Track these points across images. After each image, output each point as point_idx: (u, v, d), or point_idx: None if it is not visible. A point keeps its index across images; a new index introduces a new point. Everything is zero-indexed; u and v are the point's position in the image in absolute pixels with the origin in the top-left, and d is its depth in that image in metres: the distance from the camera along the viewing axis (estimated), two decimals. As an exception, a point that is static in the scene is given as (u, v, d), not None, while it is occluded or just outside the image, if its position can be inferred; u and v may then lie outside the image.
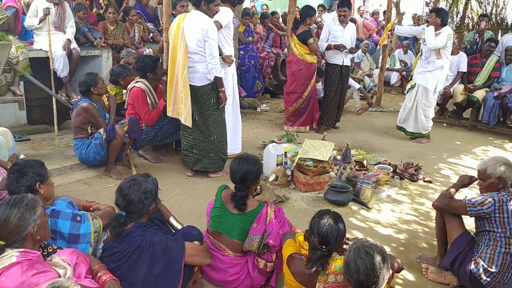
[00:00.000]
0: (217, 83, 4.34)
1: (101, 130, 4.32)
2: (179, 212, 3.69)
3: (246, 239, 2.69)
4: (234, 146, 5.21)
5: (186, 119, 4.36)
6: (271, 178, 4.52)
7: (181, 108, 4.35)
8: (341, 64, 6.37)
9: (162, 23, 5.51)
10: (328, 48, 6.31)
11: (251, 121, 7.01)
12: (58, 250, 2.21)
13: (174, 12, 5.49)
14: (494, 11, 10.38)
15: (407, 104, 6.25)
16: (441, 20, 5.72)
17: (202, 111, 4.43)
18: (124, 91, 5.02)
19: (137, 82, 4.80)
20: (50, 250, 2.19)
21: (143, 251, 2.32)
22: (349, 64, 6.70)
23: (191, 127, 4.43)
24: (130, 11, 7.01)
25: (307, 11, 6.09)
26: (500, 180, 2.85)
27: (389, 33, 7.55)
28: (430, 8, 10.20)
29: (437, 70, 5.90)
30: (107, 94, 4.68)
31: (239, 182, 2.75)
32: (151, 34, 7.58)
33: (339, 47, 6.20)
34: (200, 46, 4.18)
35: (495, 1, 10.42)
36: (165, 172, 4.71)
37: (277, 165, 4.67)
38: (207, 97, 4.39)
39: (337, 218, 2.27)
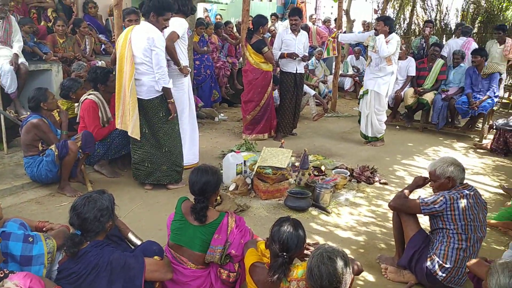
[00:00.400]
0: (166, 94, 4.26)
1: (53, 147, 4.17)
2: (139, 227, 3.62)
3: (208, 250, 2.67)
4: (192, 156, 5.18)
5: (133, 131, 4.26)
6: (231, 188, 4.52)
7: (128, 120, 4.26)
8: (294, 72, 6.46)
9: (114, 35, 5.41)
10: (282, 56, 6.39)
11: (209, 131, 6.98)
12: (10, 274, 2.10)
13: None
14: (438, 17, 10.91)
15: (365, 111, 6.42)
16: (389, 28, 5.94)
17: (151, 124, 4.34)
18: (76, 104, 4.89)
19: (89, 94, 4.68)
20: (1, 275, 2.08)
21: (101, 270, 2.25)
22: (303, 72, 6.80)
23: (139, 139, 4.34)
24: (81, 23, 6.84)
25: (260, 20, 6.16)
26: (449, 179, 2.98)
27: (334, 44, 7.76)
28: (379, 15, 10.60)
29: (388, 75, 6.12)
30: (58, 109, 4.53)
31: (199, 194, 2.72)
32: (103, 46, 7.42)
33: (292, 55, 6.29)
34: (146, 56, 4.08)
35: (438, 8, 10.96)
36: (122, 187, 4.60)
37: (237, 174, 4.67)
38: (155, 111, 4.29)
39: (296, 225, 2.29)
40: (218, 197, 3.89)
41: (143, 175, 4.52)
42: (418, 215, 3.10)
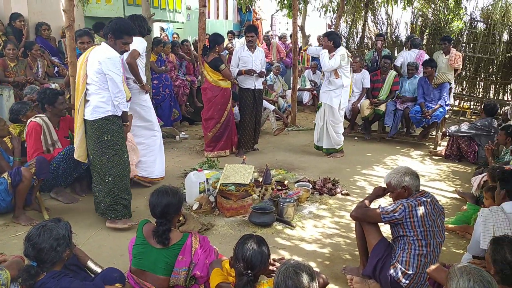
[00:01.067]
0: (123, 117, 4.08)
1: (5, 175, 3.99)
2: (100, 253, 3.50)
3: (172, 273, 2.62)
4: (162, 170, 5.26)
5: (78, 153, 4.11)
6: (195, 207, 4.46)
7: (75, 142, 4.12)
8: (253, 88, 6.53)
9: (67, 57, 5.29)
10: (239, 73, 6.45)
11: (170, 150, 6.90)
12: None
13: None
14: (388, 31, 11.33)
15: (319, 123, 6.55)
16: (333, 43, 6.11)
17: (96, 148, 3.98)
18: None
19: (35, 117, 4.52)
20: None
21: (59, 302, 2.15)
22: (262, 87, 6.87)
23: (85, 162, 4.21)
24: (32, 46, 6.66)
25: (216, 38, 6.20)
26: (405, 188, 3.08)
27: (308, 56, 7.97)
28: (333, 30, 10.91)
29: (339, 88, 6.27)
30: (10, 136, 4.36)
31: (160, 217, 2.68)
32: (56, 68, 7.24)
33: (250, 72, 6.37)
34: (96, 77, 3.88)
35: (389, 22, 11.40)
36: (81, 212, 4.44)
37: (200, 192, 4.62)
38: (100, 133, 3.93)
39: (260, 242, 2.29)
40: (181, 217, 3.85)
41: (95, 205, 4.25)
42: (379, 224, 3.17)
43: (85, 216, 4.34)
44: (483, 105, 6.49)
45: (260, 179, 5.08)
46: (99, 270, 2.59)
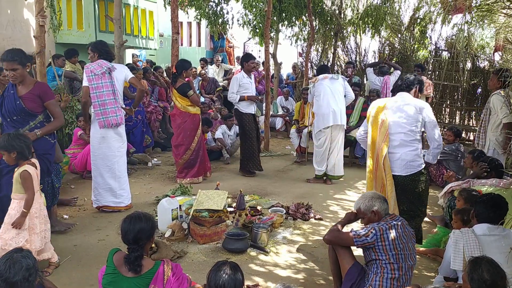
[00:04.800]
0: None
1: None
2: (69, 284, 3.39)
3: (144, 302, 2.55)
4: (125, 195, 5.20)
5: None
6: (167, 234, 4.39)
7: None
8: (253, 113, 6.83)
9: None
10: (241, 99, 6.64)
11: (142, 176, 6.81)
12: None
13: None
14: (358, 59, 11.68)
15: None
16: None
17: None
18: None
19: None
20: None
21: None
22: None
23: None
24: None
25: (182, 64, 6.28)
26: (375, 213, 3.14)
27: None
28: (303, 58, 11.18)
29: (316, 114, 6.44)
30: None
31: (133, 243, 2.62)
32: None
33: (253, 98, 6.67)
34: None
35: (358, 50, 11.77)
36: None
37: (173, 219, 4.56)
38: None
39: (234, 268, 2.27)
40: (154, 245, 3.77)
41: None
42: (352, 248, 3.20)
43: (52, 245, 4.19)
44: (449, 130, 6.69)
45: (234, 205, 5.06)
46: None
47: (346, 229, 3.37)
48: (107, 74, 4.90)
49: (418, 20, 11.04)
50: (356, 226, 4.50)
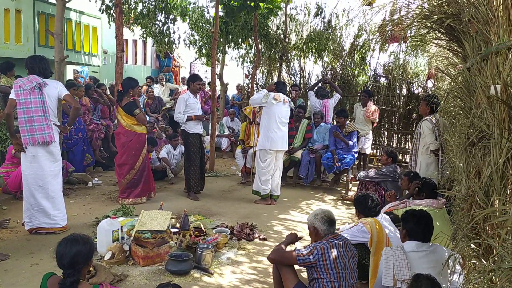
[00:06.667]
0: None
1: None
2: (-5, 312, 3.16)
3: (80, 329, 2.43)
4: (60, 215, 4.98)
5: None
6: (107, 257, 4.22)
7: None
8: (200, 133, 6.84)
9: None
10: (189, 119, 6.62)
11: (81, 197, 6.53)
12: None
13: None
14: (302, 82, 12.03)
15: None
16: (275, 86, 6.72)
17: None
18: None
19: None
20: None
21: None
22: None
23: None
24: None
25: (129, 82, 6.19)
26: (314, 229, 3.24)
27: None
28: (249, 79, 11.36)
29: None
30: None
31: (68, 267, 2.50)
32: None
33: (200, 117, 6.73)
34: None
35: (302, 73, 12.12)
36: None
37: (113, 241, 4.39)
38: None
39: (177, 290, 2.22)
40: (92, 268, 3.63)
41: None
42: (296, 267, 3.24)
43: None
44: (384, 153, 7.01)
45: (178, 225, 4.98)
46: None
47: (289, 248, 3.41)
48: (36, 89, 4.70)
49: (358, 47, 11.58)
50: (300, 245, 4.57)
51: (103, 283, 2.62)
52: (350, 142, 7.66)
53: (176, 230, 4.91)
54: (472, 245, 2.43)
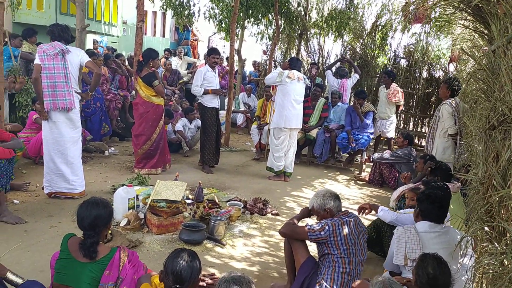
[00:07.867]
0: None
1: None
2: (18, 270, 3.24)
3: (98, 288, 2.52)
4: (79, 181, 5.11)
5: None
6: (123, 223, 4.33)
7: None
8: (217, 106, 6.80)
9: None
10: (205, 92, 6.61)
11: (98, 165, 6.66)
12: None
13: None
14: (320, 60, 11.90)
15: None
16: (289, 64, 6.63)
17: None
18: None
19: None
20: None
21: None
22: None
23: None
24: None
25: (150, 53, 6.20)
26: (327, 210, 3.25)
27: None
28: (268, 56, 11.27)
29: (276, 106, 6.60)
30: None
31: (89, 229, 2.58)
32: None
33: (217, 91, 6.69)
34: None
35: (320, 52, 11.98)
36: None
37: (129, 209, 4.50)
38: None
39: (192, 256, 2.29)
40: (109, 233, 3.73)
41: None
42: (308, 243, 3.29)
43: (1, 230, 4.05)
44: (401, 135, 6.97)
45: (192, 197, 5.06)
46: (20, 281, 2.44)
47: (301, 223, 3.46)
48: (60, 56, 4.76)
49: (380, 27, 11.37)
50: (311, 221, 4.62)
51: (121, 246, 2.70)
52: (367, 121, 7.59)
53: (190, 201, 5.00)
54: (486, 228, 2.44)
